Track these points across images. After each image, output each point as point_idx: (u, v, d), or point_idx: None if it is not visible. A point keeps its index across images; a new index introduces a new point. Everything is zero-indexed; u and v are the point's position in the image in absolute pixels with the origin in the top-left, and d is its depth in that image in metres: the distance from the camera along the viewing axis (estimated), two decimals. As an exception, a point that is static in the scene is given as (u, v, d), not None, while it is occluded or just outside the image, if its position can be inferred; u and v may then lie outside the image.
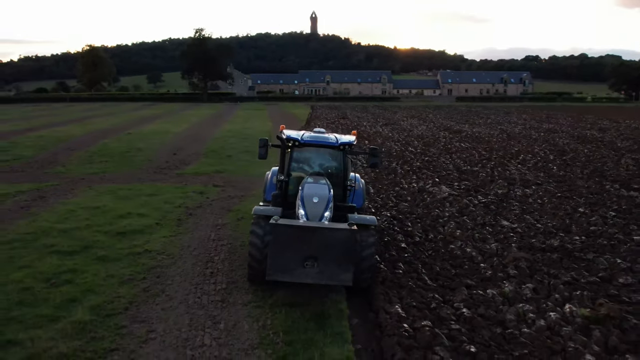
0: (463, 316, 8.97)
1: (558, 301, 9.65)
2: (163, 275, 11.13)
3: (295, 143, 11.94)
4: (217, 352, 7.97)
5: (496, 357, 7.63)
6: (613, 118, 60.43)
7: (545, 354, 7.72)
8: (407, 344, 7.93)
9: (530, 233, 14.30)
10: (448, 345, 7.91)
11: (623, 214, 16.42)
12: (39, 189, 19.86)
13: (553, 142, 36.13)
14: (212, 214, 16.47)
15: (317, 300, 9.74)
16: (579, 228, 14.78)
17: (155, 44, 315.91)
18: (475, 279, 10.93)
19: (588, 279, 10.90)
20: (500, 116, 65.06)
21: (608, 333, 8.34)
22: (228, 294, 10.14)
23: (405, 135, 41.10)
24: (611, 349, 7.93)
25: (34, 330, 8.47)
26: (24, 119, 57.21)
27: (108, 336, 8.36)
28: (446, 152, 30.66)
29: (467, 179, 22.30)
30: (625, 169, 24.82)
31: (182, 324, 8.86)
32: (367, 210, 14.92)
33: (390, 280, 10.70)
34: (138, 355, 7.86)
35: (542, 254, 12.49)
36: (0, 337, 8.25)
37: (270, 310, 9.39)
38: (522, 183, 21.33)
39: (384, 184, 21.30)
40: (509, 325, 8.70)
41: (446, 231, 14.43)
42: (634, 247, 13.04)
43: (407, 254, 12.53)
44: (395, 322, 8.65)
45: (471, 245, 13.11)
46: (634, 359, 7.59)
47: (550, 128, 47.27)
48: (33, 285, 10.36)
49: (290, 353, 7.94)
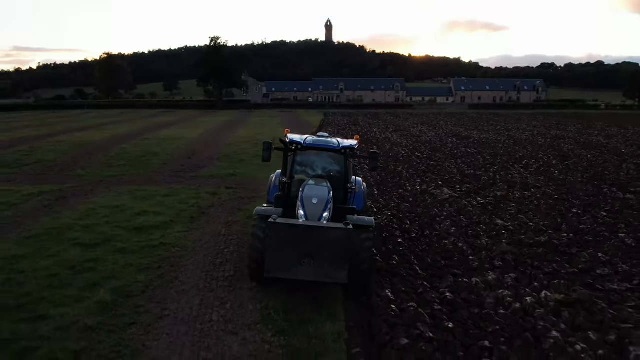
0: (446, 299, 9.91)
1: (536, 288, 10.54)
2: (177, 264, 12.17)
3: (298, 147, 12.44)
4: (223, 327, 9.00)
5: (471, 332, 8.57)
6: (623, 125, 60.79)
7: (517, 330, 8.63)
8: (392, 321, 8.91)
9: (521, 230, 15.16)
10: (429, 323, 8.86)
11: (614, 215, 17.20)
12: (61, 190, 21.00)
13: (558, 147, 36.81)
14: (224, 212, 17.49)
15: (316, 287, 10.63)
16: (568, 226, 15.61)
17: (172, 52, 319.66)
18: (463, 269, 11.84)
19: (568, 270, 11.78)
20: (510, 123, 65.62)
21: (576, 314, 9.23)
22: (235, 280, 11.14)
23: (413, 141, 41.97)
24: (577, 328, 8.81)
25: (62, 308, 9.55)
26: (43, 125, 58.88)
27: (127, 313, 9.43)
28: (452, 157, 31.50)
29: (469, 182, 23.15)
30: (626, 174, 25.53)
31: (193, 304, 9.90)
32: (368, 211, 15.56)
33: (384, 269, 11.65)
34: (154, 329, 8.90)
35: (529, 249, 13.36)
36: (33, 313, 9.35)
37: (272, 294, 10.33)
38: (521, 186, 22.14)
39: (389, 187, 22.23)
40: (487, 307, 9.62)
41: (441, 228, 15.34)
42: (617, 244, 13.85)
43: (402, 247, 13.45)
44: (385, 304, 9.63)
45: (463, 241, 14.00)
46: (595, 336, 8.46)
47: (557, 134, 47.87)
48: (59, 272, 11.45)
49: (288, 328, 8.94)
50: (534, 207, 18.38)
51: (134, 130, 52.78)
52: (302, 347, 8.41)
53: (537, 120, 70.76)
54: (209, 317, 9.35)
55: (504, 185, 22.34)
